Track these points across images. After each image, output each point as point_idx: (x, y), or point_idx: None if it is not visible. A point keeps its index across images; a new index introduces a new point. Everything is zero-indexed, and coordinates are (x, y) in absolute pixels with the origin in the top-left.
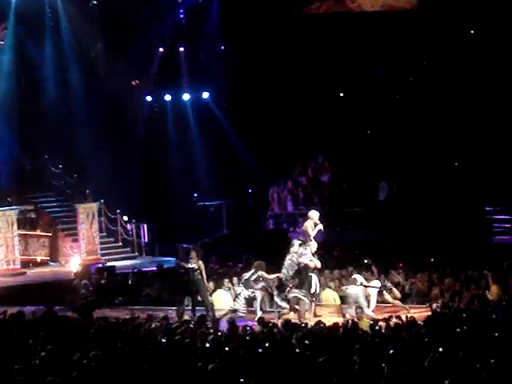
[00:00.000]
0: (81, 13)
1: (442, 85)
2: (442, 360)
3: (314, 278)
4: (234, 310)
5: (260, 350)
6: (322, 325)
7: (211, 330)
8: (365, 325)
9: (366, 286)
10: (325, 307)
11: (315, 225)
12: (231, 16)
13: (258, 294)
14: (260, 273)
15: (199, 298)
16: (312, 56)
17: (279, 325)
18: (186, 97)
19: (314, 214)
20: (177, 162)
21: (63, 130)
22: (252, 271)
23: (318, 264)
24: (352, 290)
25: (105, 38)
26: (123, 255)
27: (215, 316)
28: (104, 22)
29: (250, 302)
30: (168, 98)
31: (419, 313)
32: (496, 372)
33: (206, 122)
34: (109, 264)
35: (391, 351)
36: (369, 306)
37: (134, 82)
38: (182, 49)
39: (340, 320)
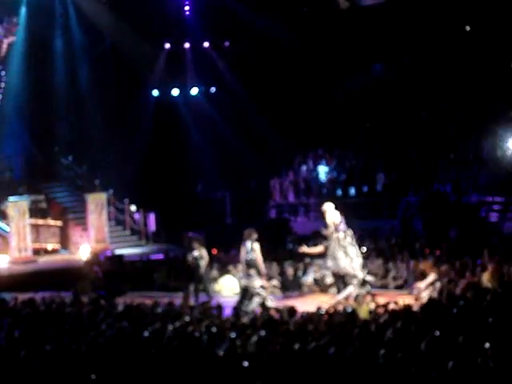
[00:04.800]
0: (90, 9)
1: (439, 79)
2: (438, 344)
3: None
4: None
5: (262, 335)
6: (321, 311)
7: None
8: (364, 311)
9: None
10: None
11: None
12: (234, 13)
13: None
14: (255, 245)
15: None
16: (313, 51)
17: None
18: (195, 91)
19: (325, 207)
20: (183, 153)
21: (73, 123)
22: (249, 243)
23: None
24: None
25: (113, 35)
26: (131, 243)
27: (219, 302)
28: (113, 18)
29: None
30: (176, 92)
31: (409, 300)
32: (491, 356)
33: (211, 115)
34: (117, 252)
35: (389, 336)
36: None
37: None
38: (187, 45)
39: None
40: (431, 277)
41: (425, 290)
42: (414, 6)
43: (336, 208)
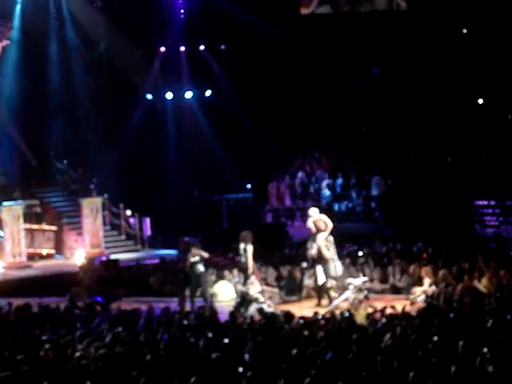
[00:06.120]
0: (85, 12)
1: (437, 83)
2: (437, 349)
3: (319, 270)
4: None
5: (259, 340)
6: (319, 316)
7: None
8: (361, 316)
9: None
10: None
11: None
12: (230, 16)
13: None
14: (248, 247)
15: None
16: (309, 54)
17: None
18: (189, 95)
19: (311, 212)
20: (179, 157)
21: (68, 127)
22: (242, 245)
23: (313, 252)
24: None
25: (108, 38)
26: (126, 248)
27: (214, 307)
28: (107, 22)
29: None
30: (170, 95)
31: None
32: (489, 360)
33: (207, 119)
34: (112, 257)
35: (387, 342)
36: None
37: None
38: (182, 48)
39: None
40: (426, 283)
41: (420, 295)
42: (413, 10)
43: (321, 212)
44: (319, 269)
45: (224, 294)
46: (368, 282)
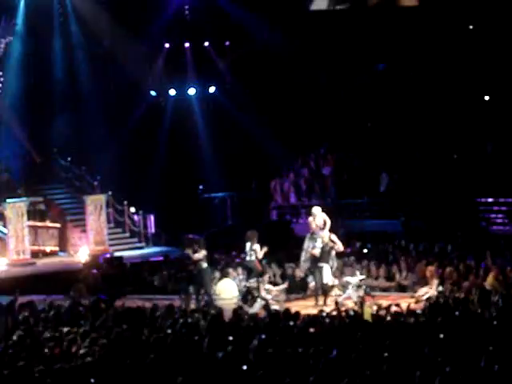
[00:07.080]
0: (89, 8)
1: (442, 79)
2: (442, 347)
3: (326, 269)
4: None
5: (263, 337)
6: (324, 313)
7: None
8: (366, 313)
9: None
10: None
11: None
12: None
13: None
14: (255, 246)
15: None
16: (314, 50)
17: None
18: (192, 91)
19: (315, 210)
20: (184, 154)
21: (71, 124)
22: (249, 244)
23: (317, 251)
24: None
25: (112, 35)
26: (130, 245)
27: (218, 305)
28: (112, 18)
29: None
30: (173, 92)
31: (408, 303)
32: (495, 359)
33: (211, 116)
34: (117, 254)
35: (392, 339)
36: None
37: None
38: (187, 44)
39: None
40: (435, 284)
41: (426, 294)
42: (419, 6)
43: (323, 210)
44: (326, 268)
45: (228, 291)
46: (364, 279)
